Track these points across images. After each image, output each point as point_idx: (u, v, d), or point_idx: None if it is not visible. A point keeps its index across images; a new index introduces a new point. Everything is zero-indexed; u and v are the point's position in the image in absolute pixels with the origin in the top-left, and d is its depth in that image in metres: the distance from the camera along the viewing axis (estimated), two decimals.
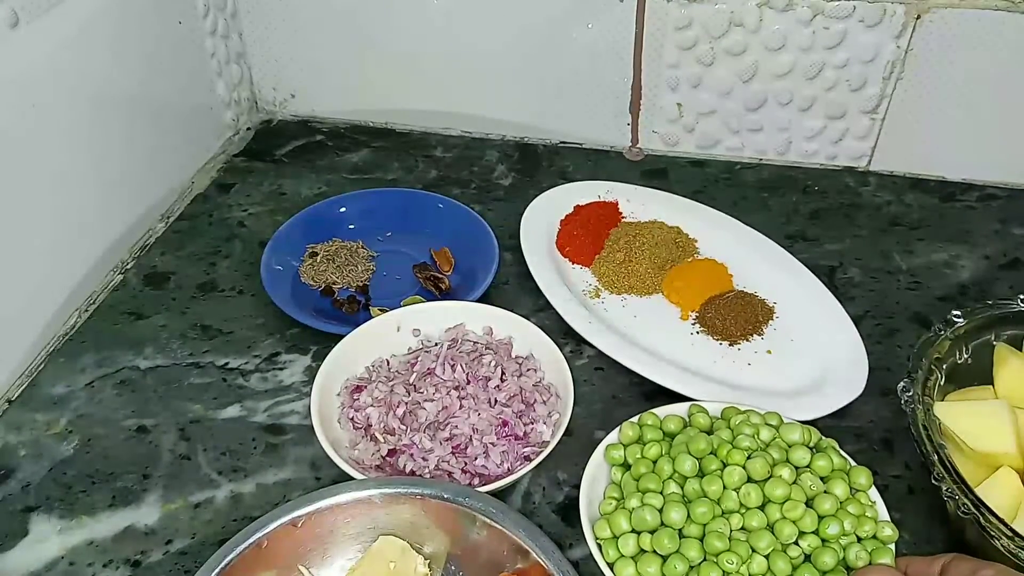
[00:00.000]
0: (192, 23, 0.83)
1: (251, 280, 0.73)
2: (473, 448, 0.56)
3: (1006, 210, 0.81)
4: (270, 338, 0.68)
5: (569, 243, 0.75)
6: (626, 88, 0.86)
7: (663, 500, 0.49)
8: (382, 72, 0.91)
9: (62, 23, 0.66)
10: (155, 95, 0.79)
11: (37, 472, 0.58)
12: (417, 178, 0.87)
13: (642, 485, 0.50)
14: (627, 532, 0.48)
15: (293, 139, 0.93)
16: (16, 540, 0.54)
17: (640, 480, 0.50)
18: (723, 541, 0.46)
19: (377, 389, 0.59)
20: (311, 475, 0.58)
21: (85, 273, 0.72)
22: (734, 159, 0.88)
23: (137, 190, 0.78)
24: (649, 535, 0.48)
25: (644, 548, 0.48)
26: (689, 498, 0.49)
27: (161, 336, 0.69)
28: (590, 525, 0.50)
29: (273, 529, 0.46)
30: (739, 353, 0.66)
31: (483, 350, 0.61)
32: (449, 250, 0.75)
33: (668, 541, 0.47)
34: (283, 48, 0.92)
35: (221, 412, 0.63)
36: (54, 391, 0.64)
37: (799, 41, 0.79)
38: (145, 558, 0.53)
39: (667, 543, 0.47)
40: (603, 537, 0.49)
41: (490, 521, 0.46)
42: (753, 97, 0.84)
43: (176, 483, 0.58)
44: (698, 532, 0.47)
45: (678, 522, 0.48)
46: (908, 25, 0.77)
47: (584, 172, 0.86)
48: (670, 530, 0.48)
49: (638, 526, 0.48)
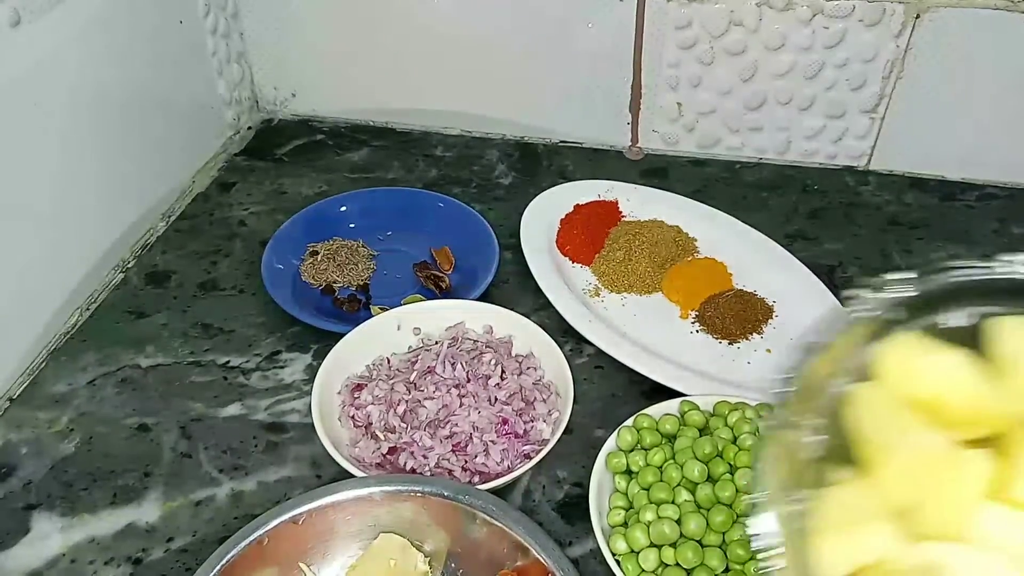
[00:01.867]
0: (193, 23, 0.83)
1: (252, 279, 0.73)
2: (473, 446, 0.56)
3: (1005, 210, 0.81)
4: (271, 337, 0.68)
5: (569, 242, 0.75)
6: (626, 87, 0.86)
7: (679, 510, 0.49)
8: (382, 72, 0.91)
9: (63, 22, 0.66)
10: (156, 94, 0.80)
11: (38, 470, 0.59)
12: (417, 177, 0.87)
13: (653, 496, 0.50)
14: (647, 547, 0.48)
15: (294, 138, 0.93)
16: (18, 538, 0.54)
17: (651, 490, 0.50)
18: (746, 548, 0.46)
19: (378, 387, 0.59)
20: (312, 473, 0.58)
21: (86, 272, 0.72)
22: (734, 158, 0.88)
23: (138, 189, 0.79)
24: (671, 548, 0.48)
25: (667, 562, 0.47)
26: (704, 505, 0.49)
27: (162, 335, 0.69)
28: (605, 540, 0.49)
29: (274, 527, 0.46)
30: (738, 352, 0.66)
31: (483, 348, 0.61)
32: (449, 249, 0.75)
33: (692, 554, 0.47)
34: (284, 47, 0.92)
35: (222, 410, 0.63)
36: (55, 389, 0.64)
37: (799, 40, 0.79)
38: (146, 556, 0.54)
39: (691, 556, 0.47)
40: (621, 552, 0.49)
41: (490, 519, 0.46)
42: (753, 96, 0.84)
43: (177, 481, 0.58)
44: (717, 540, 0.47)
45: (698, 532, 0.48)
46: (908, 24, 0.77)
47: (584, 171, 0.86)
48: (692, 543, 0.47)
49: (658, 540, 0.48)
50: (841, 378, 0.40)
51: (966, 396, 0.39)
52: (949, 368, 0.39)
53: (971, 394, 0.39)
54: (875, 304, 0.42)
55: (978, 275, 0.42)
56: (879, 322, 0.41)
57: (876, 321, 0.41)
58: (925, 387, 0.39)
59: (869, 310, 0.41)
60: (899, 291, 0.42)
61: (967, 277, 0.42)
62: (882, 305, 0.41)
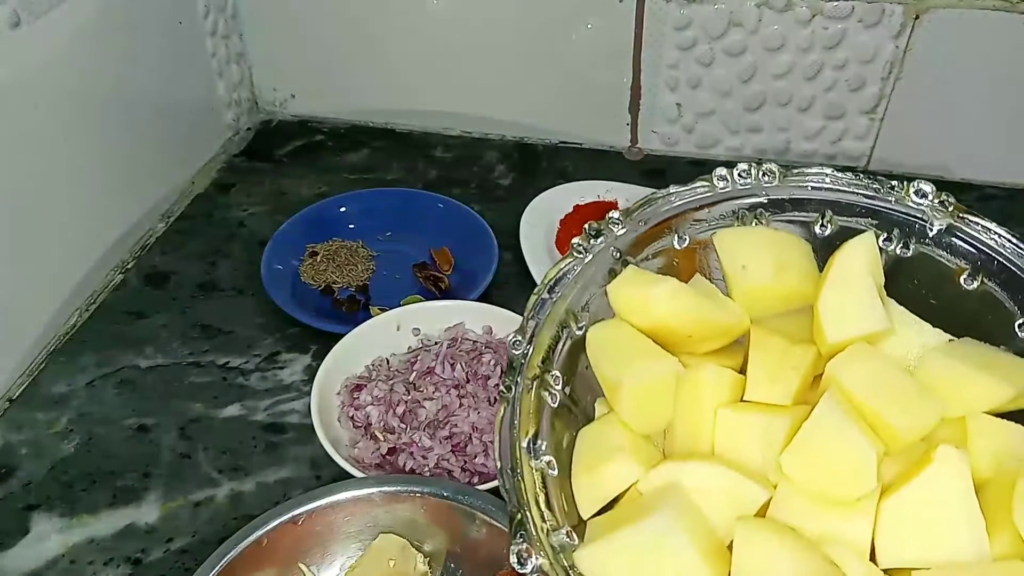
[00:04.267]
0: (193, 23, 0.83)
1: (251, 280, 0.73)
2: (473, 446, 0.56)
3: (1005, 210, 0.81)
4: (270, 337, 0.68)
5: (568, 242, 0.75)
6: (625, 88, 0.86)
7: None
8: (382, 72, 0.91)
9: (63, 24, 0.66)
10: (156, 95, 0.80)
11: (38, 471, 0.59)
12: (417, 178, 0.87)
13: None
14: None
15: (293, 139, 0.93)
16: (17, 538, 0.55)
17: None
18: None
19: (377, 388, 0.59)
20: (311, 474, 0.58)
21: (86, 273, 0.72)
22: (734, 159, 0.88)
23: (138, 190, 0.79)
24: None
25: None
26: None
27: (161, 335, 0.69)
28: None
29: (273, 527, 0.46)
30: None
31: (483, 349, 0.61)
32: (449, 250, 0.75)
33: None
34: (283, 48, 0.92)
35: (221, 411, 0.63)
36: (55, 390, 0.64)
37: (798, 41, 0.79)
38: (146, 556, 0.54)
39: None
40: None
41: (489, 519, 0.47)
42: (752, 97, 0.84)
43: (176, 482, 0.58)
44: None
45: None
46: (907, 25, 0.77)
47: (584, 172, 0.86)
48: None
49: None
50: (574, 325, 0.42)
51: (690, 315, 0.41)
52: (669, 294, 0.41)
53: (694, 312, 0.41)
54: (595, 249, 0.44)
55: (684, 200, 0.45)
56: (605, 262, 0.43)
57: (601, 263, 0.43)
58: (652, 314, 0.41)
59: (590, 255, 0.43)
60: (616, 232, 0.44)
61: (673, 204, 0.45)
62: (602, 248, 0.43)
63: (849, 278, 0.41)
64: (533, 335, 0.41)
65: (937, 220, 0.44)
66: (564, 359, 0.41)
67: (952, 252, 0.44)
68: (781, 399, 0.40)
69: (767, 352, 0.41)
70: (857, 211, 0.45)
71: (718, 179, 0.46)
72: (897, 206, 0.44)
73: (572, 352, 0.42)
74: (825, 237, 0.45)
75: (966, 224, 0.44)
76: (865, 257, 0.42)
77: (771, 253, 0.44)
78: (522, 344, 0.40)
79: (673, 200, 0.46)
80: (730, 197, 0.46)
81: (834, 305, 0.41)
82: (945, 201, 0.44)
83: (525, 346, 0.40)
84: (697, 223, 0.46)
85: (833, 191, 0.45)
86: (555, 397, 0.40)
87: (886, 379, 0.39)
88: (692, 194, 0.46)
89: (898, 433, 0.37)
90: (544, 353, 0.41)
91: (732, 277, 0.44)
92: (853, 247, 0.42)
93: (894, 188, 0.45)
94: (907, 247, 0.44)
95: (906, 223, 0.44)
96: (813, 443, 0.36)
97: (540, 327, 0.41)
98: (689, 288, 0.42)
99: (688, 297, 0.41)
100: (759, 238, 0.45)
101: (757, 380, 0.40)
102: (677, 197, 0.46)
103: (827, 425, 0.36)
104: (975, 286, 0.43)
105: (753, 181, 0.46)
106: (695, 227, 0.46)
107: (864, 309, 0.40)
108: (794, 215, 0.46)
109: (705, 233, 0.46)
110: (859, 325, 0.40)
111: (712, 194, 0.46)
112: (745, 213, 0.46)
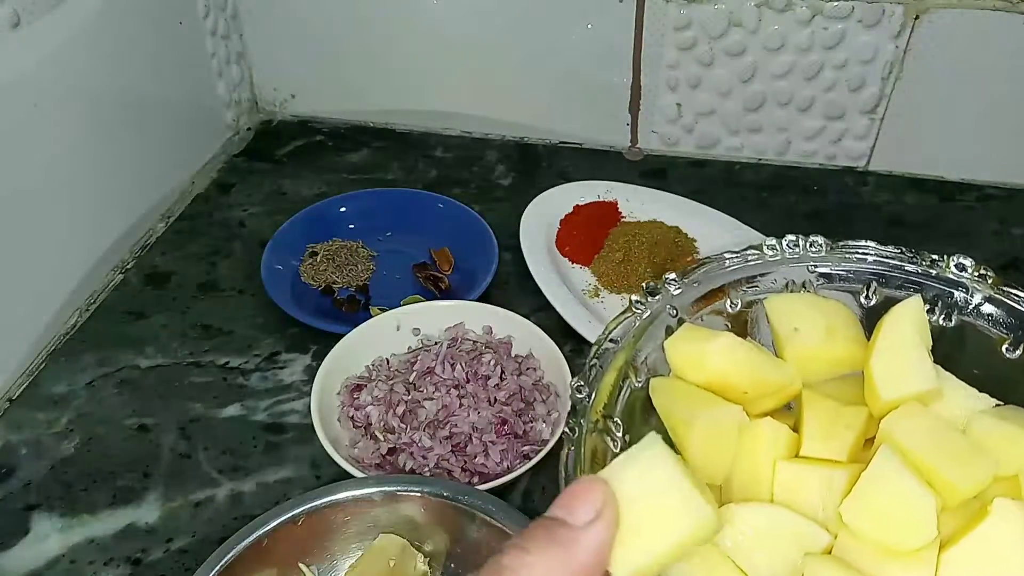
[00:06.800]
0: (193, 23, 0.83)
1: (251, 280, 0.73)
2: (473, 447, 0.56)
3: (1005, 210, 0.81)
4: (270, 337, 0.68)
5: (568, 243, 0.75)
6: (625, 88, 0.86)
7: None
8: (382, 72, 0.91)
9: (63, 23, 0.66)
10: (156, 95, 0.80)
11: (38, 471, 0.59)
12: (417, 178, 0.87)
13: None
14: None
15: (293, 139, 0.93)
16: (17, 538, 0.55)
17: None
18: None
19: (377, 388, 0.59)
20: (311, 474, 0.58)
21: (86, 273, 0.72)
22: (733, 159, 0.88)
23: (138, 190, 0.79)
24: None
25: None
26: None
27: (161, 335, 0.69)
28: None
29: (273, 527, 0.46)
30: None
31: (483, 349, 0.61)
32: (449, 250, 0.75)
33: None
34: (283, 48, 0.92)
35: (221, 411, 0.63)
36: (55, 390, 0.64)
37: (798, 41, 0.79)
38: (146, 556, 0.54)
39: None
40: None
41: (490, 519, 0.46)
42: (752, 97, 0.84)
43: (177, 482, 0.58)
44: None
45: None
46: (907, 25, 0.77)
47: (583, 172, 0.86)
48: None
49: None
50: (634, 377, 0.43)
51: (746, 369, 0.42)
52: (726, 349, 0.42)
53: (750, 366, 0.42)
54: (652, 306, 0.45)
55: (736, 267, 0.47)
56: (662, 320, 0.45)
57: (658, 320, 0.45)
58: (708, 368, 0.42)
59: (648, 311, 0.45)
60: (672, 291, 0.46)
61: (726, 269, 0.47)
62: (659, 306, 0.45)
63: (899, 339, 0.42)
64: (595, 380, 0.42)
65: (978, 291, 0.46)
66: (624, 410, 0.43)
67: (993, 323, 0.45)
68: (836, 455, 0.40)
69: (820, 411, 0.42)
70: (900, 283, 0.47)
71: (768, 248, 0.48)
72: (938, 279, 0.46)
73: (630, 404, 0.43)
74: (871, 307, 0.47)
75: (1005, 296, 0.45)
76: (913, 319, 0.43)
77: (821, 318, 0.45)
78: (584, 388, 0.42)
79: (727, 265, 0.48)
80: (780, 263, 0.48)
81: (886, 365, 0.42)
82: (985, 274, 0.46)
83: (587, 391, 0.42)
84: (748, 289, 0.48)
85: (877, 263, 0.48)
86: (617, 443, 0.41)
87: (940, 436, 0.39)
88: (742, 261, 0.48)
89: (955, 488, 0.38)
90: (606, 400, 0.42)
91: (784, 339, 0.45)
92: (901, 310, 0.43)
93: (935, 262, 0.46)
94: (949, 318, 0.46)
95: (947, 294, 0.46)
96: (873, 493, 0.37)
97: (603, 374, 0.42)
98: (745, 343, 0.43)
99: (744, 351, 0.42)
100: (809, 303, 0.46)
101: (812, 436, 0.41)
102: (731, 263, 0.48)
103: (886, 475, 0.37)
104: (1017, 355, 0.44)
105: (801, 251, 0.49)
106: (746, 292, 0.48)
107: (915, 369, 0.42)
108: (841, 285, 0.48)
109: (755, 297, 0.48)
110: (911, 384, 0.41)
111: (762, 262, 0.48)
112: (792, 282, 0.48)
